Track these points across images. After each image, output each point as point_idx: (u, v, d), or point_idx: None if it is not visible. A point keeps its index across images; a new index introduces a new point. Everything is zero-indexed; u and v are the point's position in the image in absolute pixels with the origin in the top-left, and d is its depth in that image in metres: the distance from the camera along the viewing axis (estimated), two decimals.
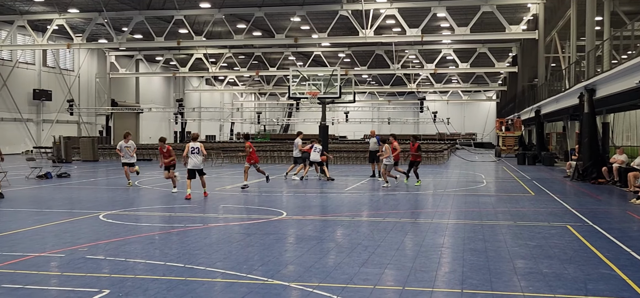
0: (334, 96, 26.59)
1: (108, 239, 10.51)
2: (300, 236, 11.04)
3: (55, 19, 42.61)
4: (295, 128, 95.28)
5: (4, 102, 47.69)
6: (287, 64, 63.97)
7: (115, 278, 7.66)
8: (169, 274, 7.92)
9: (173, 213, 14.16)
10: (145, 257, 9.04)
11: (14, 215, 13.74)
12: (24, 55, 50.53)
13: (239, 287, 7.28)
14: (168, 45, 46.41)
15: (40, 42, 45.47)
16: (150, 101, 69.09)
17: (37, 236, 10.80)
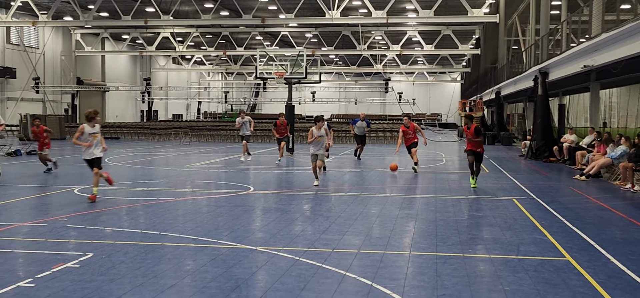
0: (300, 77, 27.28)
1: (85, 211, 11.16)
2: (266, 208, 11.84)
3: None
4: (263, 108, 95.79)
5: None
6: (254, 43, 64.28)
7: (96, 243, 8.37)
8: (146, 240, 8.65)
9: (145, 188, 14.82)
10: (122, 226, 9.74)
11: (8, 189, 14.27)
12: None
13: (210, 251, 8.05)
14: (135, 24, 46.44)
15: (4, 19, 45.08)
16: (116, 80, 68.80)
17: (17, 208, 11.40)
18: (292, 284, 6.60)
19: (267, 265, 7.42)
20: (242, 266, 7.36)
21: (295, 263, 7.49)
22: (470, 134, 15.23)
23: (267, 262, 7.58)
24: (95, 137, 12.99)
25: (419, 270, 7.32)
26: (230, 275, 6.92)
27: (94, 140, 12.92)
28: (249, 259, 7.71)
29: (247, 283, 6.67)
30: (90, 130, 12.89)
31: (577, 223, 10.33)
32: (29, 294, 6.08)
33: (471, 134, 15.23)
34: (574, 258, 7.86)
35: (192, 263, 7.44)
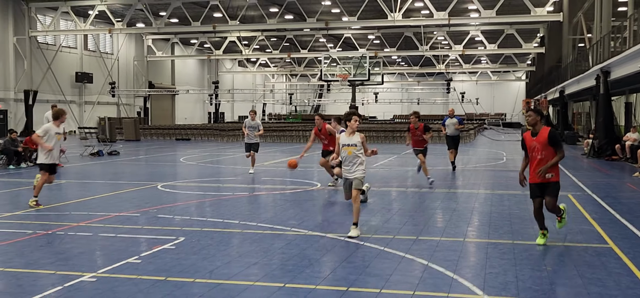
0: (363, 78, 28.17)
1: (171, 204, 12.43)
2: (332, 201, 12.86)
3: (96, 5, 44.81)
4: (326, 109, 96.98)
5: (49, 85, 50.15)
6: (317, 46, 65.58)
7: (186, 230, 9.55)
8: (228, 228, 9.78)
9: (221, 184, 16.07)
10: (206, 216, 10.93)
11: (83, 186, 15.82)
12: (66, 40, 52.97)
13: (285, 237, 9.11)
14: (203, 29, 48.32)
15: (83, 28, 47.81)
16: (185, 83, 71.34)
17: (111, 202, 12.76)
18: (358, 263, 7.57)
19: (335, 249, 8.41)
20: (313, 249, 8.38)
21: (360, 247, 8.45)
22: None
23: (335, 246, 8.57)
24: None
25: (470, 253, 8.18)
26: (304, 256, 7.95)
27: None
28: (319, 244, 8.71)
29: (319, 262, 7.69)
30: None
31: (627, 216, 10.91)
32: (138, 267, 7.26)
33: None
34: (616, 246, 8.54)
35: (270, 246, 8.51)
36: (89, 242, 8.79)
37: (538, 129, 8.53)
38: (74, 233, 9.37)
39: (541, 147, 8.49)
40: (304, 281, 6.80)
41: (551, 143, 8.36)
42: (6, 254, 8.04)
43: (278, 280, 6.79)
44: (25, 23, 46.66)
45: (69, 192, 14.51)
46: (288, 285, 6.62)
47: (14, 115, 46.74)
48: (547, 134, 8.37)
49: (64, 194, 14.17)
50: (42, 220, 10.47)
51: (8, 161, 20.39)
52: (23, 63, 46.82)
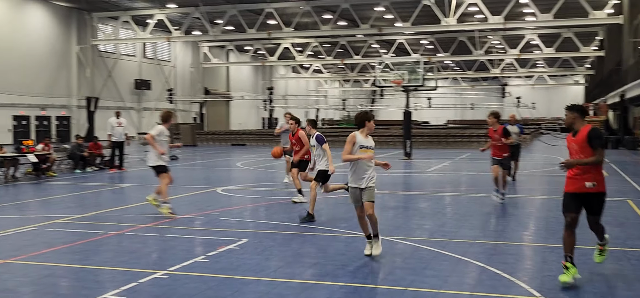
0: (417, 84, 28.22)
1: (231, 207, 12.85)
2: (388, 206, 13.06)
3: (155, 14, 46.08)
4: (379, 114, 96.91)
5: (109, 92, 51.72)
6: (371, 51, 65.72)
7: (248, 231, 9.93)
8: (287, 230, 10.11)
9: (277, 188, 16.45)
10: (265, 219, 11.30)
11: (147, 189, 16.43)
12: (126, 48, 54.58)
13: (343, 239, 9.40)
14: (258, 36, 49.08)
15: (142, 36, 49.20)
16: (240, 89, 72.45)
17: (174, 204, 13.27)
18: (415, 264, 7.78)
19: (393, 250, 8.64)
20: None
21: (417, 249, 8.66)
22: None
23: (392, 248, 8.80)
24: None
25: (527, 257, 8.29)
26: (361, 256, 8.20)
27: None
28: None
29: (377, 263, 7.93)
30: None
31: None
32: (206, 266, 7.65)
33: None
34: None
35: (329, 247, 8.79)
36: (158, 242, 9.25)
37: (577, 128, 7.29)
38: (143, 234, 9.87)
39: (579, 148, 7.21)
40: (363, 280, 7.07)
41: (589, 142, 7.16)
42: (82, 252, 8.55)
43: (338, 280, 7.06)
44: (88, 32, 48.32)
45: (134, 195, 15.13)
46: (349, 284, 6.89)
47: (76, 121, 48.39)
48: (586, 132, 7.09)
49: (129, 197, 14.79)
50: (111, 221, 11.01)
51: (74, 165, 21.27)
52: (85, 71, 48.45)
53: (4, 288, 6.87)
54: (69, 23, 47.75)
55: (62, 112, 47.45)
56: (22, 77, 42.81)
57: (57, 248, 8.75)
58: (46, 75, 45.52)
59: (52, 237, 9.52)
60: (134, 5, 46.44)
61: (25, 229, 10.21)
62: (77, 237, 9.50)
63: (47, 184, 17.47)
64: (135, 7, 46.76)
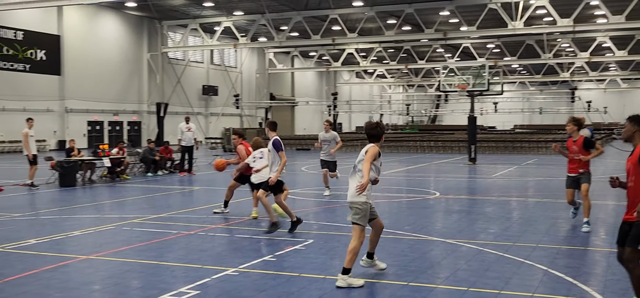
0: (482, 89, 27.99)
1: (297, 209, 13.18)
2: (451, 210, 13.15)
3: (223, 22, 47.20)
4: (443, 119, 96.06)
5: (178, 98, 53.22)
6: (435, 56, 65.34)
7: (313, 233, 10.24)
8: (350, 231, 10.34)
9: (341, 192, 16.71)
10: (331, 220, 11.58)
11: (216, 192, 17.02)
12: (194, 55, 56.08)
13: (407, 241, 9.58)
14: (323, 42, 49.59)
15: (210, 43, 50.48)
16: (304, 94, 73.25)
17: (242, 206, 13.73)
18: (477, 266, 7.91)
19: (456, 252, 8.77)
20: (435, 252, 8.80)
21: (480, 252, 8.76)
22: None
23: (455, 250, 8.93)
24: None
25: (592, 261, 8.28)
26: (425, 258, 8.39)
27: None
28: (440, 248, 9.10)
29: (440, 264, 8.10)
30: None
31: None
32: (274, 264, 8.00)
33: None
34: None
35: (392, 248, 9.00)
36: (228, 242, 9.67)
37: (635, 144, 5.97)
38: (213, 234, 10.31)
39: (633, 169, 5.92)
40: (426, 280, 7.25)
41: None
42: (157, 250, 9.04)
43: (402, 279, 7.27)
44: (158, 40, 49.93)
45: (203, 198, 15.70)
46: (411, 283, 7.09)
47: (147, 126, 50.04)
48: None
49: (198, 199, 15.36)
50: (182, 221, 11.52)
51: (146, 169, 22.11)
52: (155, 77, 50.06)
53: (89, 281, 7.39)
54: (141, 31, 49.48)
55: (134, 117, 49.18)
56: (96, 85, 44.66)
57: (134, 246, 9.27)
58: (119, 82, 47.31)
59: (129, 236, 10.08)
60: (202, 14, 47.70)
61: (104, 228, 10.81)
62: (151, 236, 10.01)
63: (121, 186, 18.27)
64: (203, 15, 48.02)
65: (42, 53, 40.53)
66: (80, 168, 19.14)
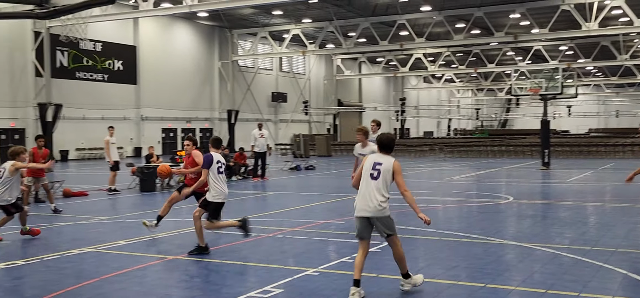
0: (555, 92, 27.50)
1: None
2: (525, 214, 13.11)
3: (291, 29, 47.96)
4: (515, 123, 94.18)
5: (248, 105, 54.29)
6: (505, 59, 64.28)
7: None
8: (426, 235, 10.52)
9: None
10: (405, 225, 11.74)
11: (290, 197, 17.45)
12: (263, 62, 57.11)
13: (482, 245, 9.67)
14: (391, 48, 49.62)
15: (279, 51, 51.35)
16: (372, 100, 73.36)
17: (316, 211, 14.07)
18: (555, 270, 7.94)
19: (531, 256, 8.81)
20: (510, 255, 8.88)
21: (557, 256, 8.77)
22: None
23: (531, 254, 8.96)
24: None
25: None
26: (502, 261, 8.48)
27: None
28: (515, 251, 9.16)
29: (516, 267, 8.18)
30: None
31: None
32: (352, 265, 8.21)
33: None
34: None
35: (468, 252, 9.11)
36: (306, 244, 9.99)
37: None
38: (291, 236, 10.66)
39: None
40: (503, 282, 7.35)
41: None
42: (241, 251, 9.45)
43: (478, 281, 7.40)
44: (229, 49, 51.15)
45: (277, 202, 16.11)
46: (489, 285, 7.21)
47: (218, 133, 51.26)
48: None
49: (273, 204, 15.78)
50: (261, 225, 11.93)
51: None
52: (226, 85, 51.25)
53: (179, 280, 7.86)
54: (212, 41, 50.80)
55: (206, 124, 50.51)
56: (170, 93, 46.14)
57: (219, 247, 9.71)
58: (191, 90, 48.70)
59: (213, 238, 10.52)
60: (271, 22, 48.59)
61: (188, 230, 11.32)
62: (232, 238, 10.43)
63: None
64: (273, 23, 48.92)
65: (119, 63, 42.21)
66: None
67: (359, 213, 6.94)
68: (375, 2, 41.97)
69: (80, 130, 39.12)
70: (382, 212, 6.93)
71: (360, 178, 7.04)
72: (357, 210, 6.96)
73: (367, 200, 6.87)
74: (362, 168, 7.02)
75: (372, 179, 6.88)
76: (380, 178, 6.88)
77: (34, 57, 36.11)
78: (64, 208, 14.53)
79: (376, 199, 6.86)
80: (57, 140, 36.73)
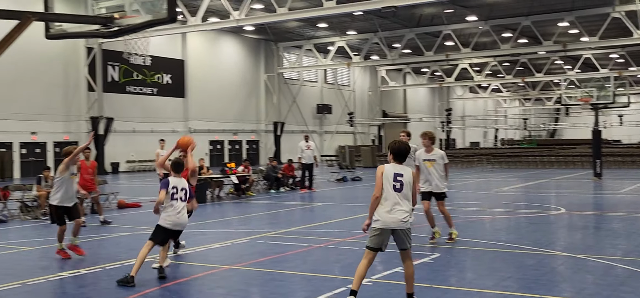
0: (606, 101, 27.01)
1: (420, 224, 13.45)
2: (577, 226, 12.97)
3: (336, 42, 48.28)
4: (564, 133, 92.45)
5: (294, 117, 54.72)
6: (554, 68, 63.28)
7: (440, 247, 10.47)
8: (477, 246, 10.51)
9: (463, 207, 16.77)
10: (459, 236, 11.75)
11: (339, 207, 17.58)
12: (308, 74, 57.53)
13: (534, 256, 9.62)
14: (436, 58, 49.44)
15: (324, 63, 51.68)
16: (417, 111, 73.06)
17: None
18: (610, 281, 7.87)
19: (585, 268, 8.76)
20: (563, 267, 8.82)
21: (611, 267, 8.68)
22: None
23: (584, 265, 8.90)
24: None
25: None
26: (556, 272, 8.45)
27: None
28: (568, 263, 9.10)
29: (571, 278, 8.15)
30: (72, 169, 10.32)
31: None
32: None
33: None
34: None
35: (521, 263, 9.09)
36: (357, 254, 10.04)
37: None
38: (342, 247, 10.79)
39: None
40: (558, 293, 7.33)
41: None
42: (294, 261, 9.63)
43: (533, 292, 7.39)
44: (274, 61, 51.73)
45: (325, 213, 16.24)
46: (544, 296, 7.19)
47: (264, 145, 51.80)
48: None
49: (321, 215, 15.93)
50: (311, 235, 12.09)
51: (269, 186, 23.06)
52: (272, 97, 51.79)
53: (236, 289, 8.06)
54: (258, 53, 51.45)
55: (252, 136, 51.08)
56: (217, 106, 46.88)
57: (270, 257, 9.91)
58: (238, 103, 49.37)
59: (264, 248, 10.75)
60: (316, 34, 48.97)
61: (241, 241, 11.57)
62: (285, 249, 10.61)
63: (247, 203, 19.22)
64: (318, 36, 49.29)
65: (168, 77, 43.12)
66: (210, 185, 20.29)
67: (387, 226, 6.81)
68: (420, 13, 41.92)
69: (131, 143, 40.04)
70: (407, 224, 6.87)
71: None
72: (382, 222, 6.82)
73: (395, 212, 6.79)
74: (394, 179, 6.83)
75: (395, 191, 6.80)
76: (403, 190, 6.82)
77: (86, 72, 37.20)
78: (118, 220, 14.97)
79: (402, 211, 6.80)
80: (108, 152, 37.72)
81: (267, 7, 35.51)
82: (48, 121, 35.25)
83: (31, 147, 34.99)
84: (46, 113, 35.15)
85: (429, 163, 11.03)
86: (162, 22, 6.46)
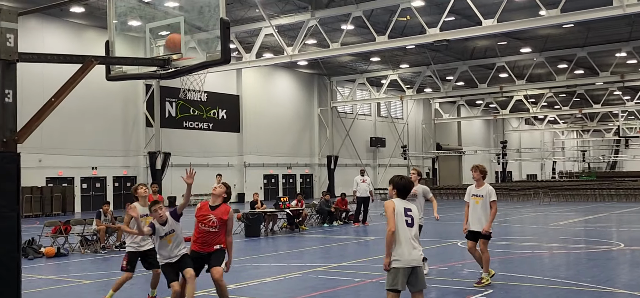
0: None
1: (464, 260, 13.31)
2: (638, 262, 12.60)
3: (389, 75, 48.43)
4: (624, 165, 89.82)
5: (347, 150, 54.87)
6: (612, 99, 61.80)
7: (494, 283, 10.34)
8: (533, 283, 10.34)
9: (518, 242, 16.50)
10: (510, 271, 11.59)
11: None
12: (362, 108, 57.73)
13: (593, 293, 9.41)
14: (490, 90, 49.01)
15: (377, 96, 51.83)
16: (471, 143, 72.25)
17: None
18: None
19: None
20: None
21: None
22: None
23: None
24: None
25: None
26: None
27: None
28: None
29: None
30: (142, 210, 9.24)
31: None
32: None
33: None
34: None
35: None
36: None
37: None
38: None
39: None
40: None
41: None
42: (344, 296, 9.67)
43: None
44: (328, 95, 52.20)
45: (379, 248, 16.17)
46: None
47: (318, 179, 52.07)
48: None
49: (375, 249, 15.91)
50: (364, 270, 12.11)
51: (322, 219, 23.17)
52: (325, 131, 52.15)
53: None
54: (311, 88, 52.01)
55: (306, 170, 51.42)
56: (271, 140, 47.46)
57: (322, 292, 9.99)
58: (291, 137, 49.87)
59: (316, 283, 10.82)
60: (369, 68, 49.29)
61: (293, 275, 11.69)
62: (336, 283, 10.68)
63: (300, 237, 19.36)
64: (370, 70, 49.59)
65: (223, 112, 43.97)
66: (263, 219, 20.53)
67: (410, 264, 6.40)
68: (473, 45, 41.74)
69: None
70: (421, 261, 6.58)
71: None
72: (404, 261, 6.38)
73: (411, 249, 6.42)
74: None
75: (408, 226, 6.46)
76: (415, 226, 6.53)
77: (144, 108, 38.31)
78: None
79: (417, 247, 6.50)
80: (165, 186, 38.56)
81: (320, 42, 35.96)
82: (108, 156, 36.34)
83: (92, 181, 36.09)
84: (106, 148, 36.25)
85: (477, 199, 10.37)
86: (216, 63, 6.70)
